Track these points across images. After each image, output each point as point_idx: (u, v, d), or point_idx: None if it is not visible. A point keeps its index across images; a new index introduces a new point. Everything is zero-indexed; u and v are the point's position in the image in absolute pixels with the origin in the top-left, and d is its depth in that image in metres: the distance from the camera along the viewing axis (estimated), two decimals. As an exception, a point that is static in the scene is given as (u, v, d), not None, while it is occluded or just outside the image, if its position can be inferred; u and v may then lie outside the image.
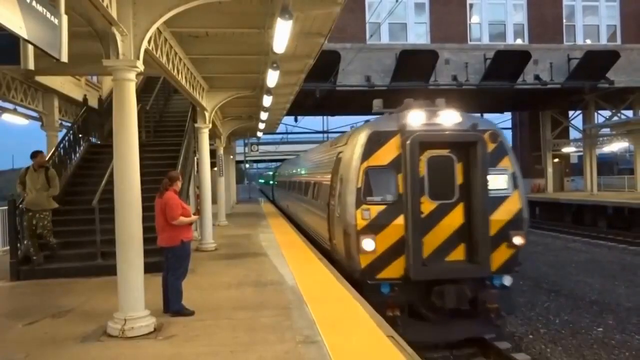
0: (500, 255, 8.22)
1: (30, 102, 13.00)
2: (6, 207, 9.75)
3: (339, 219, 8.99)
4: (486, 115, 23.27)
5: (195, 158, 14.09)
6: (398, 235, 8.05)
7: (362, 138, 8.60)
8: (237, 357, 4.97)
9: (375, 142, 8.33)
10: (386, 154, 8.28)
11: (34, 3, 3.29)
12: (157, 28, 6.52)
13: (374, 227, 8.04)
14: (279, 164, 43.54)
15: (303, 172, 17.62)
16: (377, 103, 9.77)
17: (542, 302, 11.42)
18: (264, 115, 17.53)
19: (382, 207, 8.15)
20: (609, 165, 42.14)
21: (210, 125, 13.01)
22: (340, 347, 5.09)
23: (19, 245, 9.14)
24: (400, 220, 8.05)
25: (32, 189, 9.05)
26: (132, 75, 5.93)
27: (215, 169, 19.04)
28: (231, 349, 5.17)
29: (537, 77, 24.99)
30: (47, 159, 10.25)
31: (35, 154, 9.30)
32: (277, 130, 34.25)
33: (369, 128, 8.86)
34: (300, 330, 5.72)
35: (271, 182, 41.70)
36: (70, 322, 6.29)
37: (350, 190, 8.38)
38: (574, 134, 34.81)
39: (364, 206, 8.13)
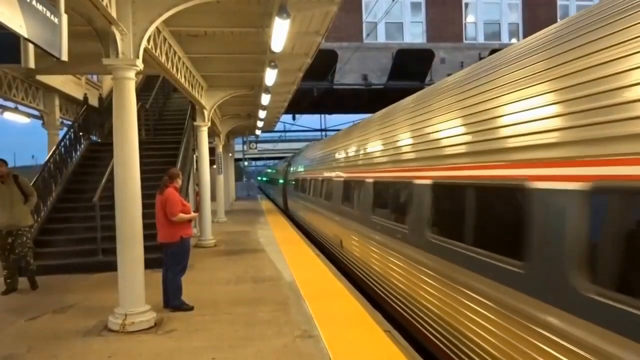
0: None
1: (32, 101, 13.04)
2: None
3: None
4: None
5: (195, 156, 14.18)
6: None
7: None
8: (236, 351, 5.02)
9: None
10: None
11: (34, 2, 3.31)
12: (156, 27, 6.56)
13: None
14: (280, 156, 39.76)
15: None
16: None
17: None
18: (262, 114, 17.60)
19: None
20: None
21: (209, 124, 13.06)
22: (338, 342, 5.14)
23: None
24: None
25: (4, 206, 7.66)
26: (131, 74, 5.98)
27: (214, 166, 19.11)
28: (230, 343, 5.23)
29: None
30: (49, 156, 10.16)
31: None
32: (275, 129, 34.29)
33: None
34: (298, 324, 5.78)
35: (281, 180, 26.57)
36: (72, 318, 6.36)
37: None
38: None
39: None
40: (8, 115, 13.12)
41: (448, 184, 5.03)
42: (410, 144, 6.34)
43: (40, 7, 3.42)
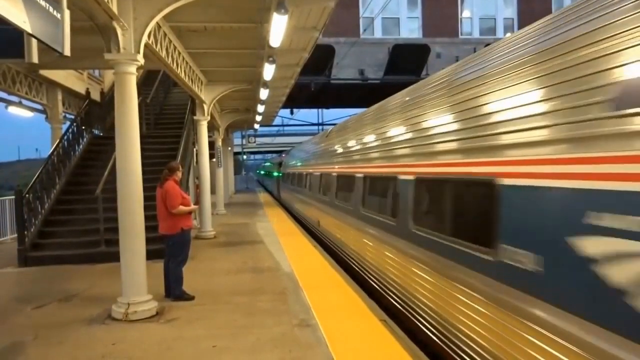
0: None
1: (35, 95, 13.16)
2: (14, 197, 9.97)
3: None
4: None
5: (195, 149, 14.29)
6: None
7: None
8: (235, 339, 5.14)
9: None
10: None
11: (37, -2, 3.39)
12: (157, 22, 6.66)
13: None
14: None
15: None
16: None
17: None
18: (260, 108, 17.69)
19: None
20: None
21: (209, 118, 13.16)
22: (335, 330, 5.27)
23: (26, 232, 9.36)
24: None
25: None
26: (132, 69, 6.07)
27: (214, 160, 19.24)
28: (230, 332, 5.35)
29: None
30: (52, 150, 10.22)
31: None
32: (274, 123, 34.36)
33: None
34: (296, 314, 5.89)
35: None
36: (76, 306, 6.50)
37: None
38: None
39: None
40: (12, 110, 13.24)
41: None
42: None
43: (43, 2, 3.52)
